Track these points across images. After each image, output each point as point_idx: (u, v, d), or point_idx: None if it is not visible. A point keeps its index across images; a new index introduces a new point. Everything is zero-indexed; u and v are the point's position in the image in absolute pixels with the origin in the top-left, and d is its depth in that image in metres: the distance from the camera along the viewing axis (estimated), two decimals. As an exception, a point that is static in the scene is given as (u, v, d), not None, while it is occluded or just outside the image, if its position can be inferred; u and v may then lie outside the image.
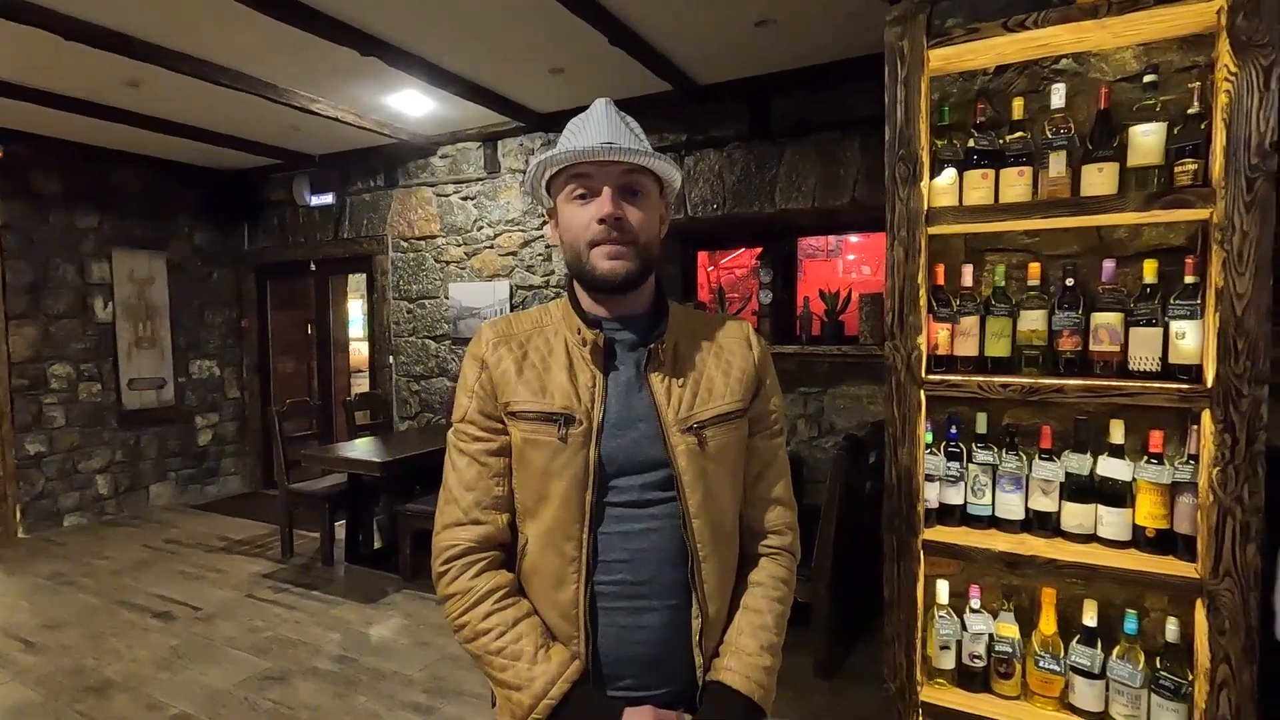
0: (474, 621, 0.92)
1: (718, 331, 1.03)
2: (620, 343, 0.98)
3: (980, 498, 1.68)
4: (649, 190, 0.96)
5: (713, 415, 0.95)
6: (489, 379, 0.97)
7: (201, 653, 2.97)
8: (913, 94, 1.58)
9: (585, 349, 0.96)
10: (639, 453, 0.93)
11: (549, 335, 0.99)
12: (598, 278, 0.93)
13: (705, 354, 1.00)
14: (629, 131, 0.95)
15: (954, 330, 1.68)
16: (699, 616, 0.93)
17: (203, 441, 5.64)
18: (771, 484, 1.03)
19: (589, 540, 0.92)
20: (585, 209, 0.93)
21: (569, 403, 0.93)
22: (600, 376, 0.95)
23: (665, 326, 0.98)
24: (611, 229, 0.91)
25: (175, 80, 3.40)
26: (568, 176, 0.95)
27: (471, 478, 0.96)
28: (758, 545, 1.03)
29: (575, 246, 0.94)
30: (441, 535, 0.97)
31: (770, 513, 1.03)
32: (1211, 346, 1.37)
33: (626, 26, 2.86)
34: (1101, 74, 1.61)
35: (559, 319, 1.01)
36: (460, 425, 0.99)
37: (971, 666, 1.66)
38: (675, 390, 0.95)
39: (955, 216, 1.61)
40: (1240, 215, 1.31)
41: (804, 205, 3.60)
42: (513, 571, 0.98)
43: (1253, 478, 1.32)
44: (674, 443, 0.93)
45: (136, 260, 5.16)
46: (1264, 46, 1.28)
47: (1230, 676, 1.35)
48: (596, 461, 0.92)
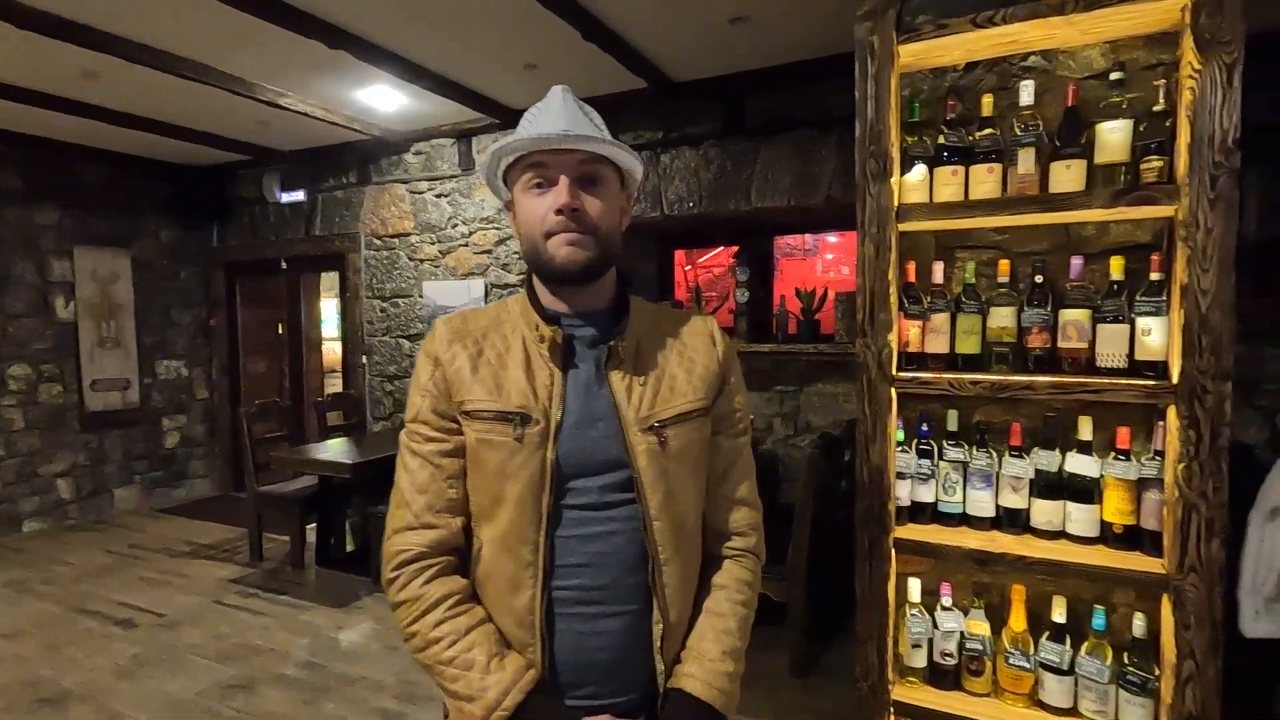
0: (424, 630, 0.88)
1: (681, 328, 1.01)
2: (580, 339, 0.94)
3: (951, 495, 1.67)
4: (608, 180, 0.93)
5: (674, 414, 0.93)
6: (443, 377, 0.94)
7: (164, 661, 2.89)
8: (883, 90, 1.57)
9: (543, 346, 0.93)
10: (598, 453, 0.90)
11: (506, 332, 0.96)
12: (555, 268, 0.90)
13: (668, 351, 0.97)
14: (588, 120, 0.92)
15: (925, 327, 1.67)
16: (660, 622, 0.91)
17: (170, 444, 5.51)
18: (736, 484, 1.01)
19: (546, 544, 0.88)
20: (542, 199, 0.90)
21: (525, 401, 0.90)
22: (559, 374, 0.92)
23: (626, 322, 0.95)
24: (569, 219, 0.88)
25: (135, 72, 3.31)
26: (524, 166, 0.91)
27: (424, 480, 0.93)
28: (722, 547, 1.00)
29: (532, 238, 0.91)
30: (392, 540, 0.93)
31: (735, 514, 1.00)
32: (1177, 343, 1.38)
33: (599, 21, 2.83)
34: (1069, 71, 1.62)
35: (517, 315, 0.97)
36: (413, 425, 0.96)
37: (943, 664, 1.65)
38: (636, 388, 0.92)
39: (926, 213, 1.61)
40: (1204, 212, 1.31)
41: (780, 203, 3.59)
42: (467, 577, 0.94)
43: (1217, 473, 1.33)
44: (634, 442, 0.90)
45: (99, 258, 5.03)
46: (1227, 44, 1.28)
47: (1196, 671, 1.36)
48: (554, 462, 0.89)
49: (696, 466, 0.96)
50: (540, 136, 0.87)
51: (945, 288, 1.69)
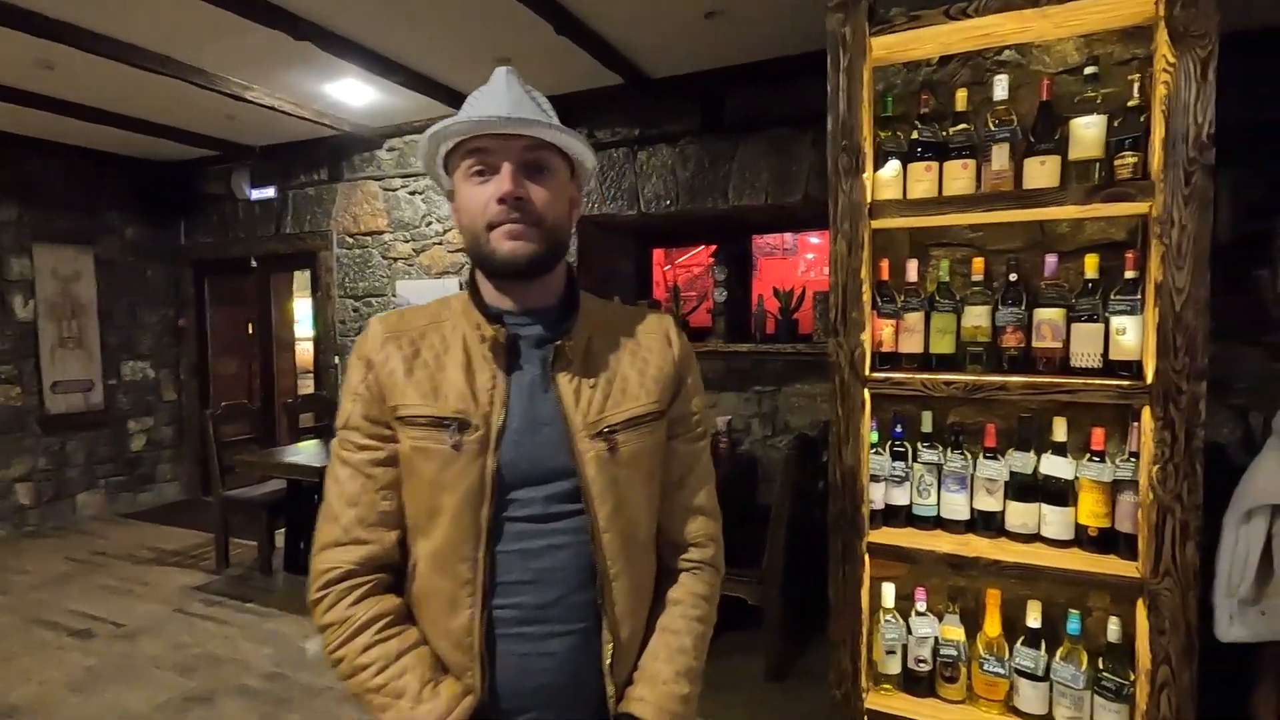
0: (351, 655, 0.81)
1: (635, 326, 0.95)
2: (525, 338, 0.88)
3: (926, 498, 1.64)
4: (556, 169, 0.87)
5: (626, 418, 0.87)
6: (375, 380, 0.87)
7: (120, 673, 2.78)
8: (855, 83, 1.53)
9: (485, 345, 0.86)
10: (543, 461, 0.84)
11: (446, 331, 0.89)
12: (498, 262, 0.84)
13: (620, 351, 0.91)
14: (534, 104, 0.86)
15: (899, 326, 1.64)
16: (610, 641, 0.85)
17: (136, 447, 5.36)
18: (693, 491, 0.95)
19: (485, 560, 0.82)
20: (484, 188, 0.83)
21: (464, 406, 0.84)
22: (501, 376, 0.86)
23: (575, 320, 0.89)
24: (512, 209, 0.82)
25: (92, 63, 3.19)
26: (465, 152, 0.85)
27: (355, 491, 0.86)
28: (677, 559, 0.95)
29: (473, 229, 0.85)
30: (319, 557, 0.86)
31: (691, 523, 0.95)
32: (1151, 342, 1.35)
33: (571, 14, 2.78)
34: (1044, 66, 1.59)
35: (458, 312, 0.90)
36: (344, 432, 0.89)
37: (917, 671, 1.62)
38: (585, 391, 0.86)
39: (899, 209, 1.57)
40: (1179, 209, 1.29)
41: (757, 202, 3.56)
42: (402, 596, 0.88)
43: (1192, 475, 1.30)
44: (582, 449, 0.84)
45: (61, 255, 4.87)
46: (1201, 37, 1.26)
47: (1171, 677, 1.34)
48: (494, 472, 0.82)
49: (650, 474, 0.90)
50: (482, 119, 0.81)
51: (919, 286, 1.66)
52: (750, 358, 3.69)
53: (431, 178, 0.95)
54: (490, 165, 0.83)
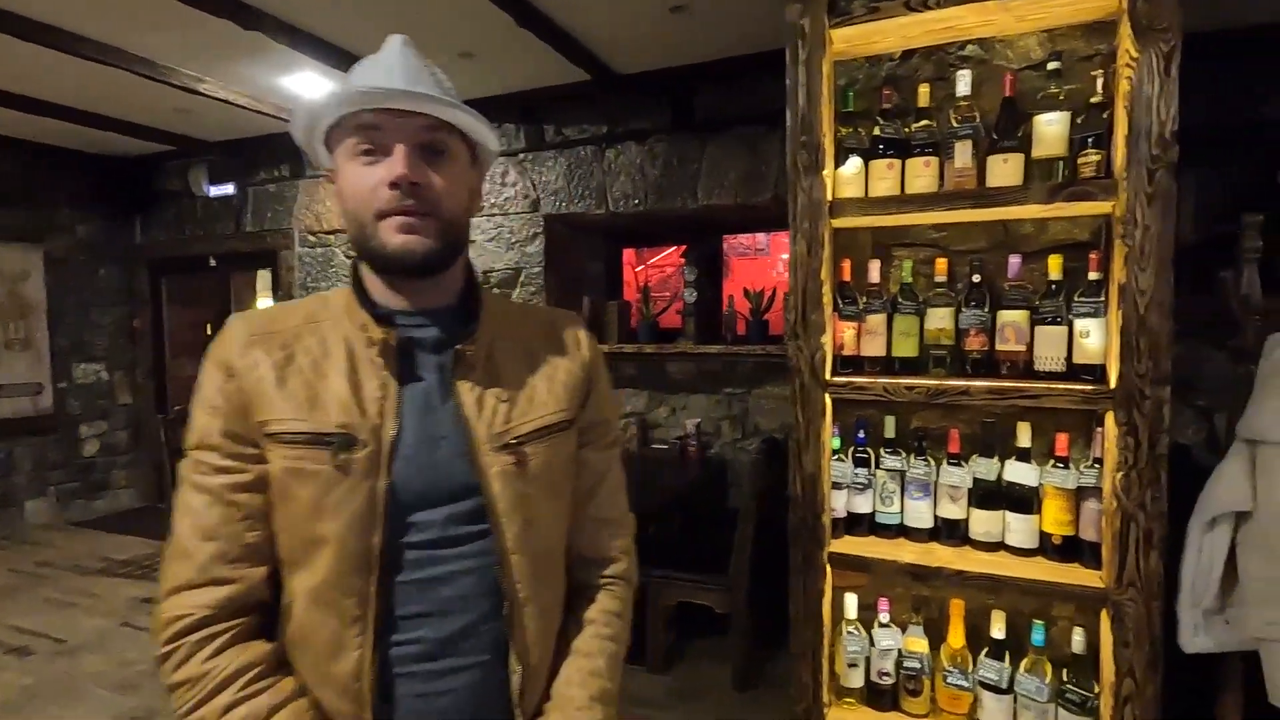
0: (211, 717, 0.69)
1: (542, 329, 0.88)
2: (420, 342, 0.79)
3: (889, 505, 1.59)
4: (457, 154, 0.78)
5: (534, 428, 0.80)
6: (237, 390, 0.75)
7: (58, 692, 2.65)
8: (815, 77, 1.48)
9: (374, 350, 0.77)
10: (442, 479, 0.76)
11: (325, 332, 0.78)
12: (388, 256, 0.75)
13: (526, 355, 0.84)
14: (433, 79, 0.77)
15: (860, 329, 1.59)
16: (518, 670, 0.78)
17: (88, 452, 5.16)
18: (605, 503, 0.89)
19: (377, 594, 0.73)
20: (372, 170, 0.74)
21: (349, 419, 0.74)
22: (393, 384, 0.76)
23: (478, 323, 0.81)
24: (406, 196, 0.73)
25: (32, 52, 3.03)
26: (352, 128, 0.75)
27: (213, 523, 0.73)
28: (589, 575, 0.88)
29: (359, 217, 0.75)
30: (168, 603, 0.73)
31: (603, 536, 0.89)
32: (1115, 346, 1.31)
33: (533, 6, 2.70)
34: (1007, 61, 1.55)
35: (340, 312, 0.80)
36: (197, 453, 0.75)
37: (880, 684, 1.57)
38: (489, 400, 0.79)
39: (860, 208, 1.52)
40: (1142, 208, 1.25)
41: (727, 201, 3.51)
42: (274, 639, 0.76)
43: (1155, 483, 1.26)
44: (486, 464, 0.76)
45: (7, 254, 4.66)
46: (1164, 31, 1.22)
47: (1135, 690, 1.30)
48: (386, 493, 0.73)
49: (560, 488, 0.83)
50: (371, 90, 0.72)
51: (882, 287, 1.61)
52: (721, 359, 3.64)
53: (308, 154, 0.83)
54: (381, 145, 0.74)
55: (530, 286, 3.93)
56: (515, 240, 3.96)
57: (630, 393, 3.86)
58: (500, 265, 4.00)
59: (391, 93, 0.72)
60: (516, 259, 3.96)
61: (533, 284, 3.92)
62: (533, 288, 3.92)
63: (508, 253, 3.98)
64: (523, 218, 3.94)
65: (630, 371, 3.85)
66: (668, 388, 3.79)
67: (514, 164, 3.93)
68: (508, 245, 3.98)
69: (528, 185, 3.91)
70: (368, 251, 0.76)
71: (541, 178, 3.88)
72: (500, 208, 3.98)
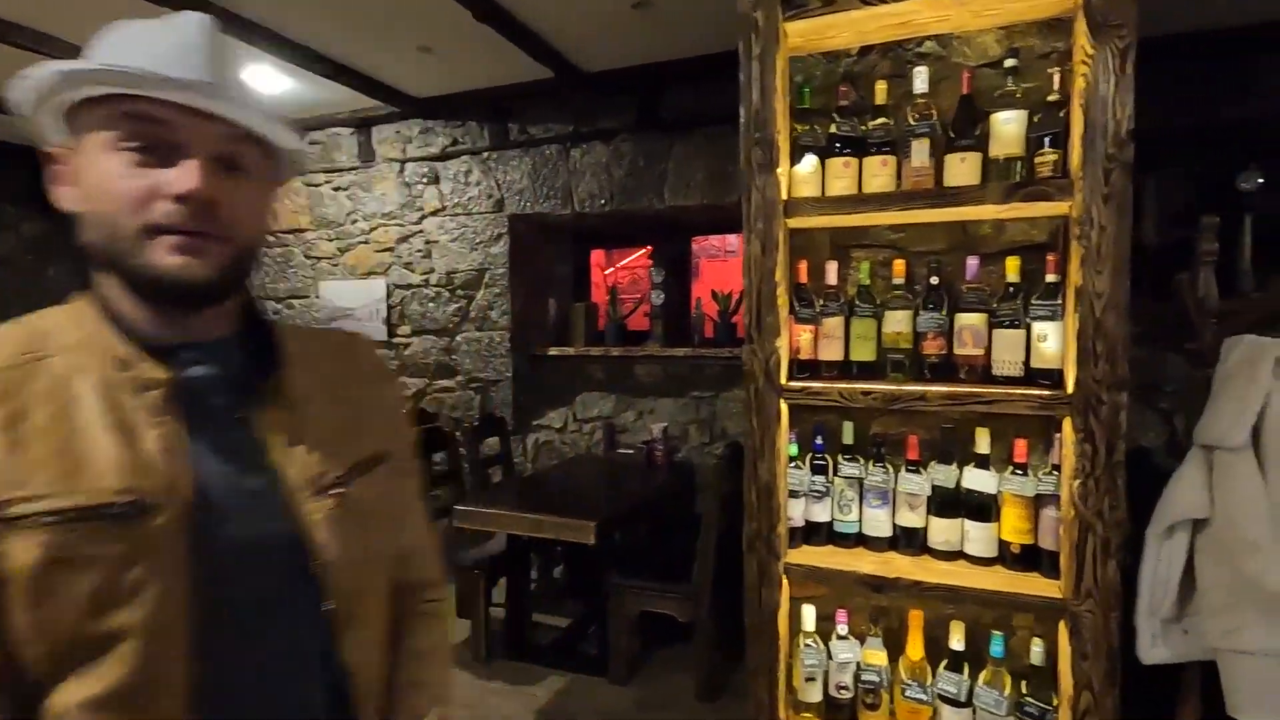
0: None
1: (338, 353, 0.79)
2: (204, 380, 0.66)
3: (847, 514, 1.55)
4: (256, 170, 0.66)
5: (354, 463, 0.71)
6: None
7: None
8: (768, 71, 1.43)
9: (151, 394, 0.61)
10: (258, 534, 0.64)
11: (58, 372, 0.60)
12: (158, 279, 0.61)
13: (331, 385, 0.74)
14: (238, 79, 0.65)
15: (818, 332, 1.54)
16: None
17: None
18: (415, 528, 0.83)
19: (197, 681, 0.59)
20: (145, 173, 0.60)
21: (132, 481, 0.58)
22: (182, 433, 0.62)
23: (272, 354, 0.71)
24: (195, 215, 0.60)
25: (-37, 40, 2.90)
26: (119, 114, 0.60)
27: None
28: (412, 602, 0.81)
29: (115, 226, 0.60)
30: None
31: (419, 562, 0.83)
32: (1072, 350, 1.28)
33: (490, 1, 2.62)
34: (964, 58, 1.52)
35: (76, 344, 0.62)
36: None
37: (838, 698, 1.52)
38: (299, 440, 0.68)
39: (816, 207, 1.47)
40: (1098, 208, 1.22)
41: (694, 201, 3.46)
42: None
43: (1113, 490, 1.23)
44: (308, 510, 0.66)
45: (-54, 252, 4.47)
46: (1119, 27, 1.19)
47: (1093, 703, 1.27)
48: (196, 562, 0.59)
49: (386, 523, 0.75)
50: (178, 80, 0.58)
51: (840, 290, 1.57)
52: (688, 362, 3.59)
53: (28, 122, 0.65)
54: (163, 145, 0.60)
55: (495, 288, 3.85)
56: (479, 241, 3.87)
57: (597, 396, 3.79)
58: (464, 266, 3.91)
59: (197, 84, 0.59)
60: (480, 260, 3.87)
61: (497, 285, 3.84)
62: (497, 289, 3.84)
63: (471, 253, 3.89)
64: (487, 218, 3.85)
65: (598, 375, 3.79)
66: (635, 391, 3.73)
67: (478, 162, 3.84)
68: (471, 245, 3.89)
69: (492, 185, 3.83)
70: (127, 267, 0.61)
71: (506, 177, 3.80)
72: (464, 207, 3.89)
